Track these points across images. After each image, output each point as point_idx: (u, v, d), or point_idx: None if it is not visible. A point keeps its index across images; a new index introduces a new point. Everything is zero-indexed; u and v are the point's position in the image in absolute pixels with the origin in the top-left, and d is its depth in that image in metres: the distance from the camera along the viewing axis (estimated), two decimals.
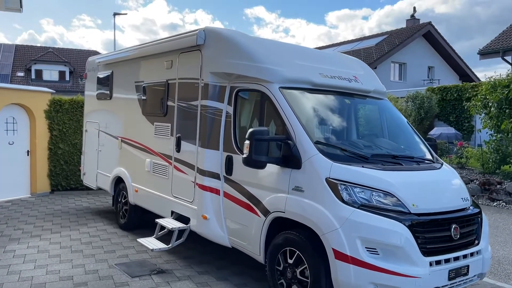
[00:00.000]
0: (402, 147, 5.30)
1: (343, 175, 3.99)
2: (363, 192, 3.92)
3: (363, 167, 4.11)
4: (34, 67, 36.23)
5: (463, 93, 18.18)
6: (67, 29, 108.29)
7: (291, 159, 4.28)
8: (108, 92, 7.96)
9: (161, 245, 5.56)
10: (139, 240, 5.84)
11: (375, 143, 5.10)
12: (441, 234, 3.96)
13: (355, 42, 32.66)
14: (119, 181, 7.55)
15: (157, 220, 5.89)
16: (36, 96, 10.34)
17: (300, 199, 4.15)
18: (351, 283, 3.71)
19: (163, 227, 5.79)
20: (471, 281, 4.19)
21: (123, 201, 7.42)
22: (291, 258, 4.24)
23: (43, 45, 43.72)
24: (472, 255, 4.12)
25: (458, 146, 14.06)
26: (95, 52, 38.03)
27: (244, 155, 4.28)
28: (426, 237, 3.84)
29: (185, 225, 5.55)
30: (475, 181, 11.78)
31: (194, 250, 6.24)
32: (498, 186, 11.15)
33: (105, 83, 8.12)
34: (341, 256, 3.76)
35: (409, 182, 4.14)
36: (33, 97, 10.25)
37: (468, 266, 4.04)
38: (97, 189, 8.59)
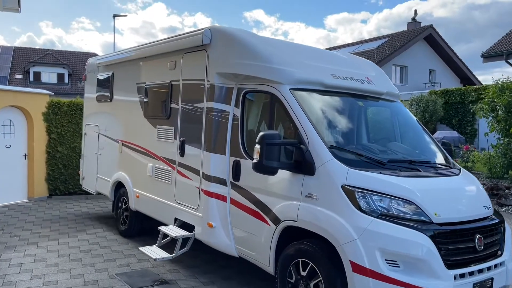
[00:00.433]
0: (416, 151, 5.07)
1: (361, 182, 3.75)
2: (381, 200, 3.68)
3: (381, 173, 3.88)
4: (32, 69, 35.94)
5: (466, 96, 17.98)
6: (66, 32, 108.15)
7: (303, 165, 4.03)
8: (108, 94, 7.72)
9: (164, 254, 5.30)
10: (141, 248, 5.58)
11: (389, 148, 4.86)
12: (465, 245, 3.72)
13: (356, 45, 32.44)
14: (119, 186, 7.29)
15: (159, 227, 5.63)
16: (34, 98, 10.08)
17: (314, 207, 3.91)
18: None
19: (166, 235, 5.53)
20: None
21: (124, 206, 7.16)
22: (304, 270, 3.99)
23: (42, 47, 43.32)
24: (496, 266, 3.89)
25: (464, 150, 13.83)
26: (94, 54, 37.80)
27: (254, 161, 4.04)
28: (449, 249, 3.60)
29: (189, 233, 5.29)
30: (482, 186, 11.54)
31: (198, 258, 5.98)
32: (506, 191, 10.92)
33: (105, 84, 7.88)
34: (359, 269, 3.51)
35: (429, 189, 3.90)
36: (31, 99, 9.98)
37: (492, 278, 3.81)
38: (97, 194, 8.33)
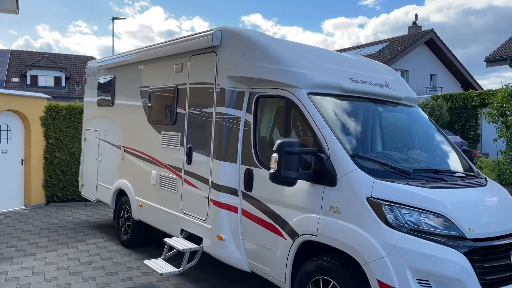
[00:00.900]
0: (437, 159, 4.80)
1: (387, 194, 3.47)
2: (409, 213, 3.40)
3: (408, 184, 3.60)
4: (29, 73, 35.49)
5: (469, 101, 17.77)
6: (63, 35, 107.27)
7: (324, 175, 3.75)
8: (109, 98, 7.42)
9: (170, 268, 4.99)
10: (145, 262, 5.25)
11: (410, 156, 4.57)
12: (501, 262, 3.44)
13: (356, 49, 32.23)
14: (121, 194, 6.98)
15: (165, 239, 5.32)
16: (31, 102, 9.75)
17: (336, 221, 3.62)
18: None
19: (172, 247, 5.23)
20: None
21: (126, 216, 6.84)
22: None
23: (39, 51, 42.90)
24: None
25: (472, 155, 13.56)
26: (91, 57, 37.45)
27: (271, 171, 3.75)
28: (485, 267, 3.32)
29: (197, 245, 4.99)
30: None
31: (205, 272, 5.67)
32: None
33: (106, 88, 7.58)
34: None
35: (460, 201, 3.63)
36: (28, 103, 9.65)
37: None
38: (96, 201, 8.01)
